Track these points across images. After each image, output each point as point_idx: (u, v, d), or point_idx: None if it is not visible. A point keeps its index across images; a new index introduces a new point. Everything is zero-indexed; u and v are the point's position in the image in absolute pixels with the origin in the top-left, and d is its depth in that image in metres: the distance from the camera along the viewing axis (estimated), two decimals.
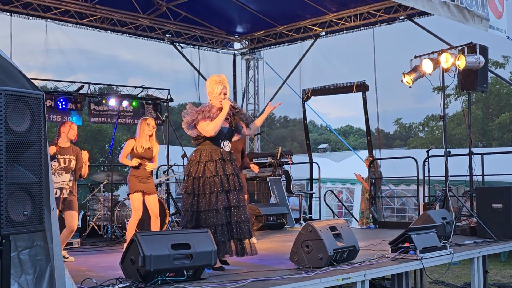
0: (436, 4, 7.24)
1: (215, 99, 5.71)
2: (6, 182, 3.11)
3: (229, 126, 5.82)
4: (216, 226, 5.47)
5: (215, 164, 5.59)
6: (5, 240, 3.17)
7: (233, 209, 5.60)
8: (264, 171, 11.36)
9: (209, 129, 5.55)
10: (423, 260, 5.85)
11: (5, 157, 3.12)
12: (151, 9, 12.17)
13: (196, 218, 5.57)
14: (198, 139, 5.72)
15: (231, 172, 5.66)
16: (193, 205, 5.57)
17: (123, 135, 27.14)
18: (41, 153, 3.31)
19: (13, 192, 3.14)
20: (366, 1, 11.64)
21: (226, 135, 5.78)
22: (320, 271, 5.21)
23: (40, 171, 3.29)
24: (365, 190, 12.32)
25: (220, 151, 5.67)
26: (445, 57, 8.44)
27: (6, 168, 3.11)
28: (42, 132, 3.31)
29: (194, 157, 5.70)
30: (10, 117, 3.15)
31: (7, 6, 10.54)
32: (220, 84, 5.70)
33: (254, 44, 14.14)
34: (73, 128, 7.09)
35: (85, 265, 6.37)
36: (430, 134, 32.54)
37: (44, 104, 3.33)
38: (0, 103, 3.11)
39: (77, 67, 14.61)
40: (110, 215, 9.47)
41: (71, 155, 7.00)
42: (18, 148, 3.20)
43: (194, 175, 5.60)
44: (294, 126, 39.95)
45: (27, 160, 3.24)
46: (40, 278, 3.49)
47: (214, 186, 5.54)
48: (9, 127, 3.16)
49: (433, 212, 7.50)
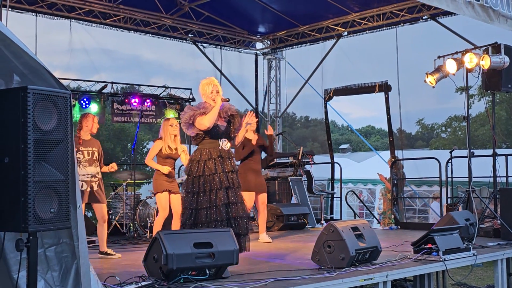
0: (461, 4, 7.18)
1: (208, 99, 5.93)
2: (33, 179, 3.16)
3: (226, 124, 5.99)
4: (216, 222, 5.65)
5: (214, 162, 5.78)
6: (32, 237, 3.22)
7: (232, 205, 5.78)
8: (285, 171, 11.35)
9: (205, 122, 5.75)
10: (446, 262, 5.81)
11: (32, 155, 3.18)
12: (174, 9, 12.23)
13: (195, 216, 5.72)
14: (197, 138, 5.92)
15: (230, 170, 5.85)
16: (192, 203, 5.73)
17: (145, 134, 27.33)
18: (68, 151, 3.36)
19: (40, 190, 3.20)
20: (389, 1, 11.56)
21: (224, 133, 5.96)
22: (342, 271, 5.19)
23: (66, 169, 3.34)
24: (387, 191, 12.24)
25: (219, 149, 5.87)
26: (469, 57, 8.35)
27: (33, 166, 3.17)
28: (69, 131, 3.36)
29: (194, 156, 5.90)
30: (37, 116, 3.21)
31: (33, 7, 10.68)
32: (210, 84, 5.96)
33: (276, 44, 14.13)
34: (95, 121, 7.20)
35: (108, 263, 6.43)
36: (452, 135, 32.23)
37: (71, 103, 3.38)
38: (28, 102, 3.16)
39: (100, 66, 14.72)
40: (133, 213, 9.54)
41: (94, 147, 7.09)
42: (45, 146, 3.26)
43: (194, 174, 5.79)
44: (315, 126, 39.84)
45: (54, 158, 3.29)
46: (66, 274, 3.54)
47: (213, 184, 5.72)
48: (37, 126, 3.22)
49: (456, 214, 7.44)
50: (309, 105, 15.36)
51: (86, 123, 7.09)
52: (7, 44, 3.27)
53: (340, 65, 13.56)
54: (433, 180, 12.31)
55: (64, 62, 13.89)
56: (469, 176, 8.30)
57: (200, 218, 5.69)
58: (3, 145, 3.27)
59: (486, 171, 8.79)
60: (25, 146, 3.16)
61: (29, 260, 3.22)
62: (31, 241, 3.23)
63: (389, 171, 11.40)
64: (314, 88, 13.61)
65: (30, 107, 3.17)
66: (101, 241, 7.03)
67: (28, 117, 3.17)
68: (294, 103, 14.46)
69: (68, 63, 12.61)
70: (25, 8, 10.59)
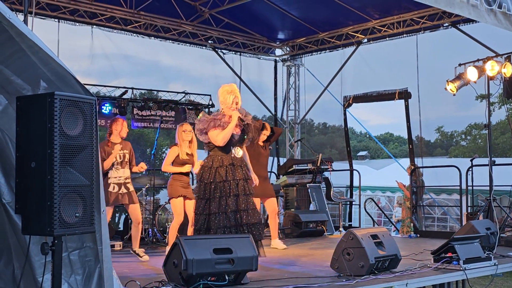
0: (483, 12, 7.13)
1: (227, 109, 5.98)
2: (59, 184, 3.21)
3: (241, 132, 6.03)
4: (225, 228, 5.72)
5: (226, 169, 5.86)
6: (57, 241, 3.27)
7: (242, 212, 5.84)
8: (304, 178, 11.34)
9: (218, 139, 5.85)
10: (466, 271, 5.77)
11: (58, 160, 3.23)
12: (194, 15, 12.32)
13: (207, 221, 5.80)
14: (210, 144, 5.99)
15: (241, 177, 5.92)
16: (205, 209, 5.82)
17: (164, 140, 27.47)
18: (93, 157, 3.40)
19: (66, 194, 3.25)
20: (410, 8, 11.51)
21: (238, 142, 6.03)
22: (361, 279, 5.18)
23: (91, 174, 3.38)
24: (406, 198, 12.17)
25: (231, 157, 5.94)
26: (491, 65, 8.31)
27: (59, 171, 3.22)
28: (94, 136, 3.40)
29: (206, 163, 5.99)
30: (64, 121, 3.26)
31: (55, 13, 10.82)
32: (232, 94, 6.00)
33: (295, 50, 14.15)
34: (125, 125, 7.43)
35: (127, 268, 6.47)
36: (472, 142, 31.92)
37: (96, 109, 3.43)
38: (55, 108, 3.22)
39: (121, 71, 14.93)
40: (152, 218, 9.60)
41: (125, 149, 7.28)
42: (71, 151, 3.31)
43: (206, 181, 5.88)
44: (333, 133, 39.71)
45: (79, 163, 3.34)
46: (89, 278, 3.58)
47: (223, 191, 5.81)
48: (63, 131, 3.27)
49: (477, 222, 7.37)
50: (327, 111, 15.36)
51: (115, 127, 7.29)
52: (35, 51, 3.33)
53: (360, 72, 13.54)
54: (452, 188, 12.21)
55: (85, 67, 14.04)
56: (490, 185, 8.23)
57: (211, 223, 5.77)
58: (30, 150, 3.33)
59: (507, 180, 8.71)
60: (52, 151, 3.22)
61: (53, 264, 3.27)
62: (56, 244, 3.27)
63: (409, 179, 11.34)
64: (333, 94, 13.60)
65: (57, 112, 3.22)
66: (134, 240, 7.39)
67: (54, 123, 3.22)
68: (312, 110, 14.45)
69: (89, 68, 12.76)
70: (47, 15, 10.74)
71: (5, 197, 3.82)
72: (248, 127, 6.11)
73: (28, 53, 3.39)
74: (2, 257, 3.92)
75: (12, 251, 3.89)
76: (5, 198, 3.82)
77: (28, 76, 3.60)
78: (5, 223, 3.85)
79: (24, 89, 3.69)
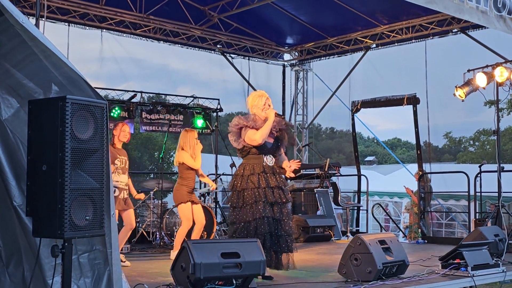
0: (492, 18, 7.13)
1: (259, 110, 5.87)
2: (70, 187, 3.23)
3: (274, 141, 5.92)
4: (259, 235, 5.53)
5: (258, 177, 5.70)
6: (67, 244, 3.29)
7: (276, 221, 5.71)
8: (311, 183, 11.34)
9: (257, 137, 5.67)
10: (475, 278, 5.75)
11: (69, 163, 3.25)
12: (203, 20, 12.36)
13: (242, 229, 5.65)
14: (243, 151, 5.85)
15: (275, 185, 5.75)
16: (238, 217, 5.70)
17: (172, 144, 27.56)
18: (103, 160, 3.43)
19: (76, 197, 3.27)
20: (419, 14, 11.50)
21: (270, 150, 5.88)
22: (369, 285, 5.18)
23: (101, 177, 3.41)
24: (414, 204, 12.14)
25: (263, 165, 5.78)
26: (500, 71, 8.30)
27: (70, 174, 3.24)
28: (105, 140, 3.43)
29: (238, 171, 5.88)
30: (75, 125, 3.28)
31: (65, 17, 10.89)
32: (263, 96, 5.93)
33: (304, 55, 14.16)
34: (124, 130, 7.21)
35: (135, 271, 6.49)
36: (480, 148, 31.80)
37: (107, 113, 3.45)
38: (67, 111, 3.24)
39: (130, 75, 14.94)
40: (159, 222, 9.62)
41: (125, 156, 7.25)
42: (82, 154, 3.33)
43: (238, 189, 5.75)
44: (340, 138, 39.66)
45: (90, 166, 3.36)
46: (98, 281, 3.60)
47: (258, 196, 5.64)
48: (74, 134, 3.29)
49: (485, 229, 7.35)
50: (334, 116, 15.33)
51: (115, 131, 7.24)
52: (47, 55, 3.36)
53: (368, 77, 13.51)
54: (460, 194, 12.16)
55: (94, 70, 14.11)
56: (499, 191, 8.21)
57: (250, 231, 5.61)
58: (41, 153, 3.36)
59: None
60: (63, 154, 3.24)
61: (63, 266, 3.29)
62: (66, 247, 3.29)
63: (417, 185, 11.32)
64: (341, 99, 13.60)
65: (68, 116, 3.25)
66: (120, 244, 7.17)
67: (66, 126, 3.25)
68: (320, 115, 14.47)
69: (98, 71, 12.83)
70: (58, 18, 10.81)
71: (16, 200, 3.85)
72: (282, 134, 5.99)
73: (40, 57, 3.42)
74: (13, 259, 3.95)
75: (22, 253, 3.92)
76: (16, 201, 3.85)
77: (40, 80, 3.64)
78: (16, 225, 3.88)
79: (36, 92, 3.72)
